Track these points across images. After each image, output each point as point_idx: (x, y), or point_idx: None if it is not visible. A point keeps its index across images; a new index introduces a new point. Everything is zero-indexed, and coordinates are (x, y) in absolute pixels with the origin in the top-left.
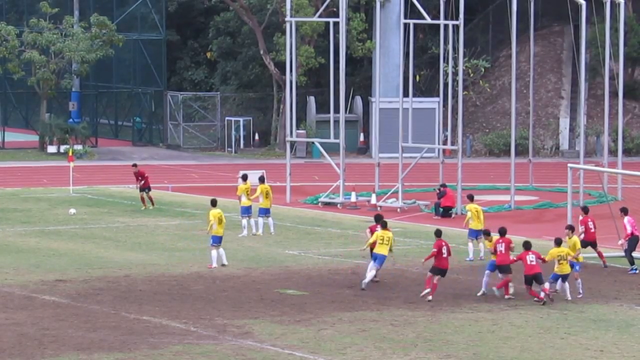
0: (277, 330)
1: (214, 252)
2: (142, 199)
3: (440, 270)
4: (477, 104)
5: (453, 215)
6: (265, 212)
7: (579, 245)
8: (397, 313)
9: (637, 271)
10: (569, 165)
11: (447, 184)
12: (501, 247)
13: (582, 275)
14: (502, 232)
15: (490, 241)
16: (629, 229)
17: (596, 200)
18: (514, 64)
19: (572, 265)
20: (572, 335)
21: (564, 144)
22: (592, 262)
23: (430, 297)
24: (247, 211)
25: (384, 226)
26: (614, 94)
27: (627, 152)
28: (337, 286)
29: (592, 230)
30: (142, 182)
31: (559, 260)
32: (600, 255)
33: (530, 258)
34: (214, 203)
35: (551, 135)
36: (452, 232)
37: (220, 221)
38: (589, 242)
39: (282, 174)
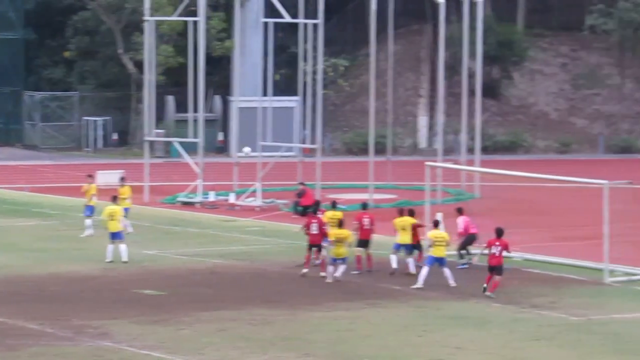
0: (135, 330)
1: (108, 247)
2: None
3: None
4: (336, 102)
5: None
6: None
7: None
8: (255, 312)
9: (467, 266)
10: (427, 163)
11: (305, 182)
12: (496, 250)
13: (440, 274)
14: (500, 232)
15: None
16: (460, 228)
17: (454, 198)
18: (372, 62)
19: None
20: (430, 333)
21: (423, 142)
22: (448, 259)
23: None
24: (90, 211)
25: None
26: (472, 93)
27: (484, 150)
28: (195, 286)
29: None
30: None
31: (435, 243)
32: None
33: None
34: (114, 199)
35: (410, 134)
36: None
37: (111, 217)
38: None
39: (140, 174)
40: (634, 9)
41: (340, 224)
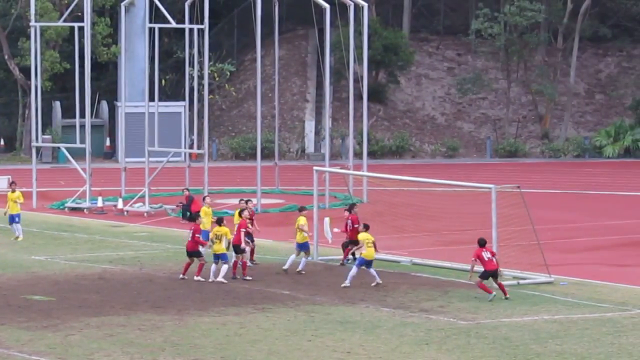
0: (24, 336)
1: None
2: None
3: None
4: (223, 107)
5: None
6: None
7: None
8: (144, 317)
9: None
10: (315, 168)
11: (190, 188)
12: (488, 254)
13: (329, 278)
14: (482, 243)
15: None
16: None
17: (342, 203)
18: (259, 67)
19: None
20: (319, 337)
21: (310, 147)
22: (338, 265)
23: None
24: None
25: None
26: (358, 97)
27: (372, 154)
28: (84, 291)
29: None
30: None
31: (367, 245)
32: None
33: (487, 255)
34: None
35: (297, 139)
36: None
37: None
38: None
39: (28, 179)
40: (519, 13)
41: (219, 221)
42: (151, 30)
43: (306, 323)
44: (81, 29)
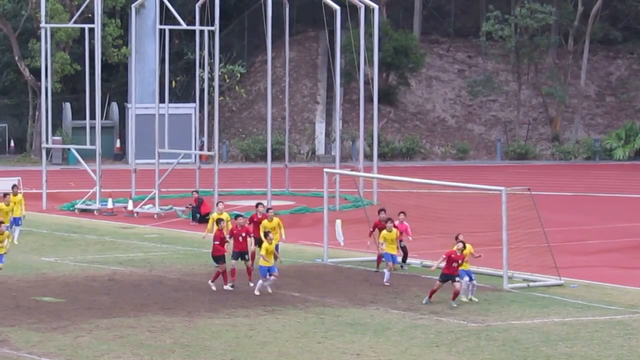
0: (34, 338)
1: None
2: None
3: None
4: (233, 109)
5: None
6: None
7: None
8: (154, 319)
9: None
10: (325, 170)
11: (200, 190)
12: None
13: (340, 281)
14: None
15: None
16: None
17: (352, 205)
18: (269, 69)
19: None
20: (329, 339)
21: (320, 149)
22: (348, 267)
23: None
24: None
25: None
26: (369, 99)
27: (382, 156)
28: (94, 293)
29: None
30: None
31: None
32: None
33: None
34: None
35: (307, 140)
36: None
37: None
38: None
39: (38, 181)
40: (529, 16)
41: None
42: (161, 31)
43: (316, 325)
44: (91, 30)
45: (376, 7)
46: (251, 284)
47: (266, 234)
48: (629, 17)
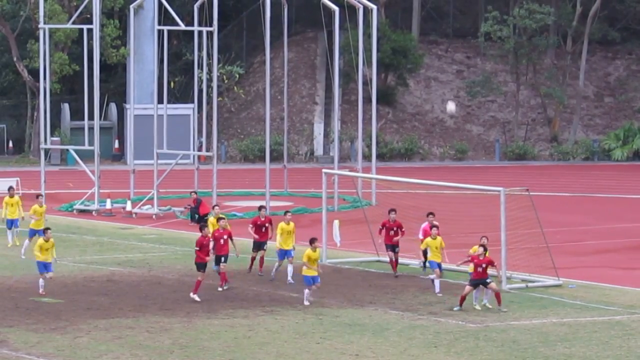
0: (32, 338)
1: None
2: None
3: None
4: (231, 110)
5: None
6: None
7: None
8: (152, 320)
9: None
10: (324, 170)
11: (199, 190)
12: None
13: (339, 280)
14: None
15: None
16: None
17: (350, 205)
18: (268, 70)
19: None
20: (328, 340)
21: (319, 150)
22: (346, 267)
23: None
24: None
25: None
26: (367, 100)
27: (380, 157)
28: (92, 294)
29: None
30: None
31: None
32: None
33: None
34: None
35: (306, 141)
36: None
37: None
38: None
39: (36, 182)
40: (528, 16)
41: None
42: (160, 32)
43: (315, 325)
44: (90, 31)
45: (375, 7)
46: (220, 289)
47: (312, 241)
48: (628, 18)
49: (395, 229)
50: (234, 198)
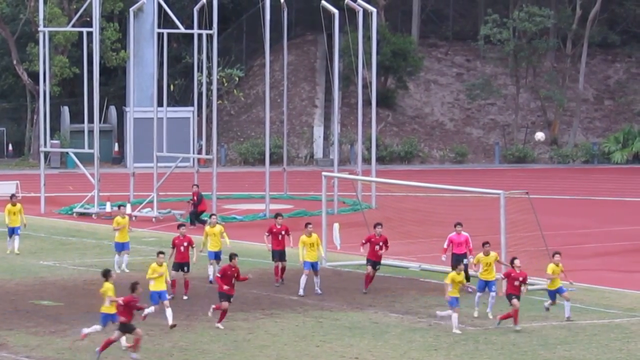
0: (32, 341)
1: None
2: None
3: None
4: (231, 113)
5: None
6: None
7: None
8: (152, 323)
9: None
10: (324, 173)
11: (199, 190)
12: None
13: (339, 283)
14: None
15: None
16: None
17: (350, 208)
18: (267, 73)
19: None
20: (328, 343)
21: (319, 153)
22: (346, 270)
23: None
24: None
25: None
26: (367, 103)
27: (380, 160)
28: (92, 297)
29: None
30: None
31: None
32: None
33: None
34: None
35: (305, 144)
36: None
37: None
38: None
39: (36, 185)
40: (528, 19)
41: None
42: (160, 35)
43: (314, 328)
44: (90, 34)
45: (374, 10)
46: (185, 297)
47: (306, 225)
48: (627, 21)
49: (380, 243)
50: (234, 201)
